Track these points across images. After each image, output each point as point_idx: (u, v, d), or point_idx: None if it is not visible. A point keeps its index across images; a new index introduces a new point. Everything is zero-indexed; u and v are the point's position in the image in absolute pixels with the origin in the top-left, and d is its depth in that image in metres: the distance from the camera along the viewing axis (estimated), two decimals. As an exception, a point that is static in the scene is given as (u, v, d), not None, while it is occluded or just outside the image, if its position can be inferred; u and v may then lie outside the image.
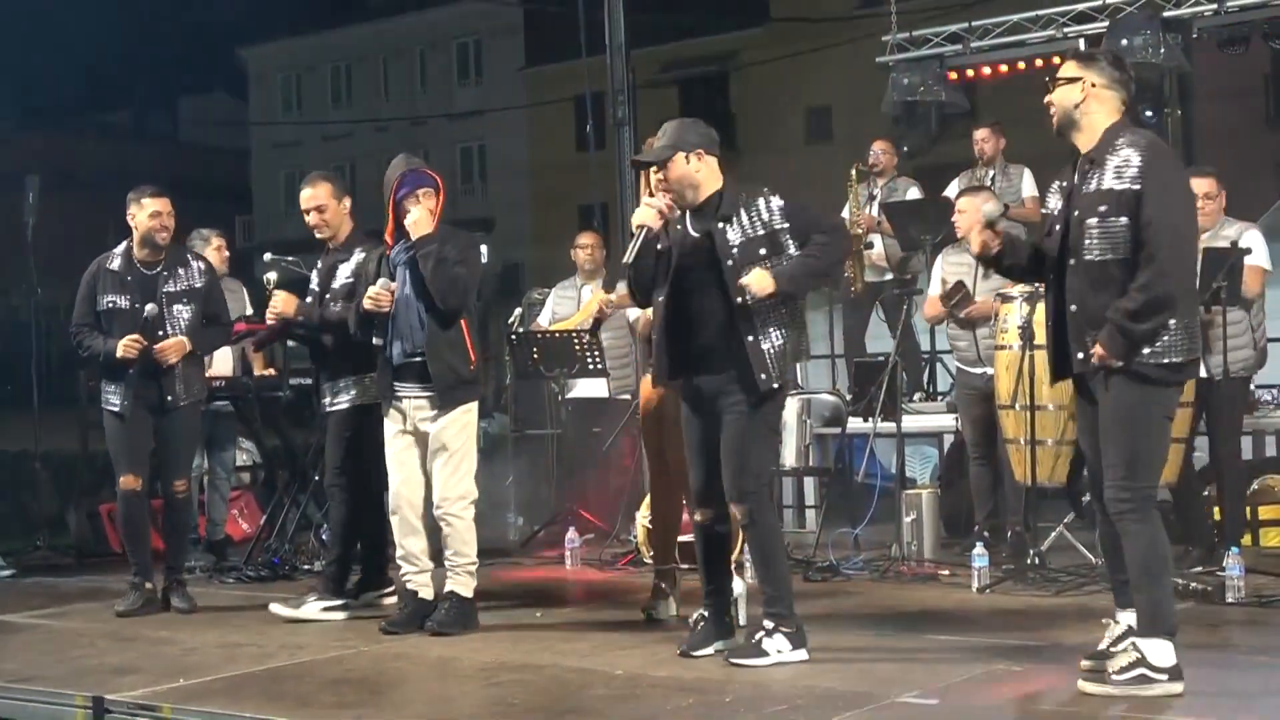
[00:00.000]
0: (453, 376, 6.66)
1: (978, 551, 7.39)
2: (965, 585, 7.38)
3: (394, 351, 6.78)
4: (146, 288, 7.52)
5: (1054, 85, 5.21)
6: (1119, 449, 5.06)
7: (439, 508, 6.70)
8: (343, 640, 6.62)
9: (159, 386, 7.52)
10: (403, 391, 6.77)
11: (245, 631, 6.94)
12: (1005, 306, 7.89)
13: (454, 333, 6.69)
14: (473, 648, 6.33)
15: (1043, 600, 7.02)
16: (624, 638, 6.47)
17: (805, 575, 7.72)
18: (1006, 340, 7.84)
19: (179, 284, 7.59)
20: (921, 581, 7.69)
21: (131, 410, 7.48)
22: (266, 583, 8.37)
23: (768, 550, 5.79)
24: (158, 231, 7.52)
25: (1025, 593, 7.19)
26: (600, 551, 8.84)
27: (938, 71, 12.37)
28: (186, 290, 7.60)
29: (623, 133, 13.19)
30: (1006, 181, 10.41)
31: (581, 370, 9.40)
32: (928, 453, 11.20)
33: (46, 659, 6.45)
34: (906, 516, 8.18)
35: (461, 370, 6.69)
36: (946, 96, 12.40)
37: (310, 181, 7.54)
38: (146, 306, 7.44)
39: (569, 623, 6.97)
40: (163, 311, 7.49)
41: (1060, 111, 5.21)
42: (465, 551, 6.71)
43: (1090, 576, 7.24)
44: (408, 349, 6.73)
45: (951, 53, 12.39)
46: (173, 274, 7.59)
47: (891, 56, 12.65)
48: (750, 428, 5.73)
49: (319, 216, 7.41)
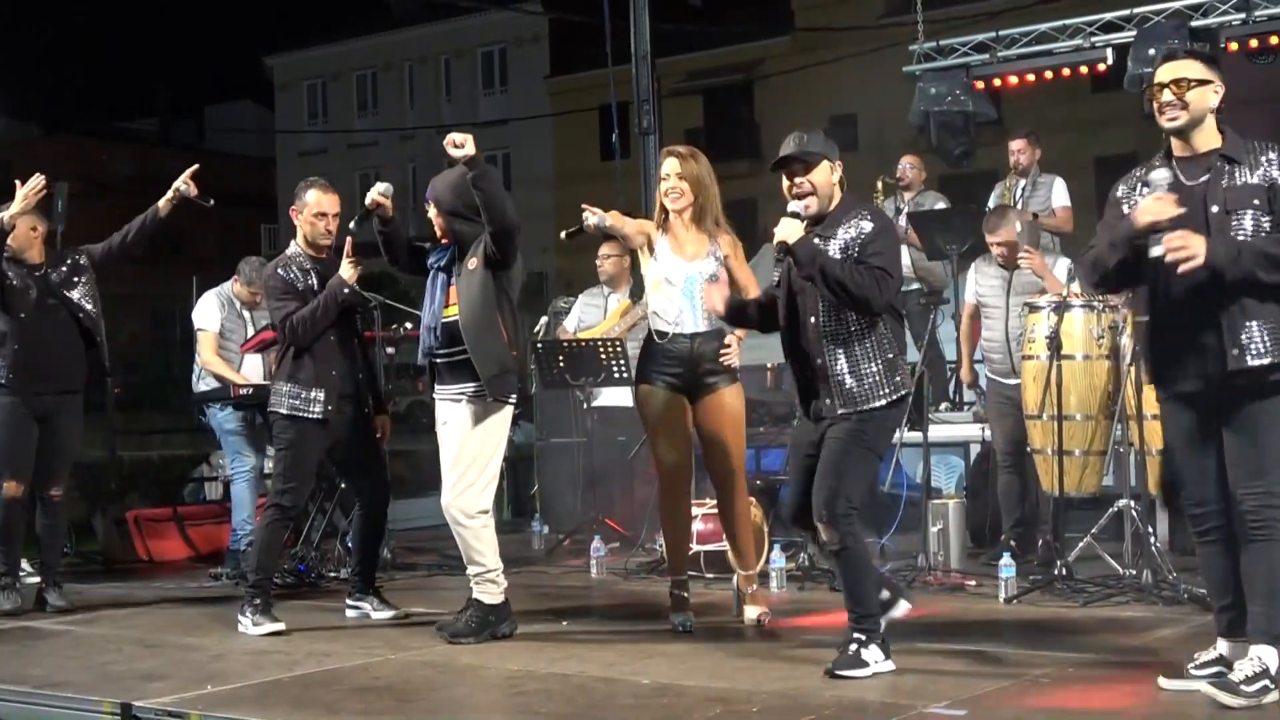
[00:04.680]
0: (495, 365, 6.56)
1: (1005, 562, 7.37)
2: (992, 596, 7.36)
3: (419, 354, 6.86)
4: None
5: (1183, 87, 5.05)
6: (1268, 455, 4.94)
7: (446, 512, 6.69)
8: (369, 648, 6.62)
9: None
10: (436, 394, 6.80)
11: (272, 638, 6.94)
12: (1033, 316, 7.88)
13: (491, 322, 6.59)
14: (499, 656, 6.32)
15: (1070, 611, 6.99)
16: (651, 647, 6.45)
17: (831, 585, 7.70)
18: (1034, 350, 7.83)
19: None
20: (948, 591, 7.67)
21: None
22: (292, 589, 8.38)
23: (859, 575, 5.71)
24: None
25: (1053, 603, 7.16)
26: (626, 560, 8.83)
27: (965, 81, 12.35)
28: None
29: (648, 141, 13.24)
30: (1036, 191, 10.37)
31: (607, 379, 9.40)
32: (953, 462, 11.18)
33: (73, 665, 6.46)
34: (933, 526, 8.15)
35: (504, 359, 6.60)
36: (974, 106, 12.38)
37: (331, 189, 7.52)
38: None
39: (595, 632, 6.97)
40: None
41: (1196, 113, 5.07)
42: (480, 560, 6.68)
43: (1117, 588, 7.21)
44: (425, 349, 6.78)
45: (978, 62, 12.38)
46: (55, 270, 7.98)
47: (918, 66, 12.64)
48: (846, 449, 5.67)
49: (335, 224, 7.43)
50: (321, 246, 7.39)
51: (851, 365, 5.68)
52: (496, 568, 6.71)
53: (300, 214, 7.39)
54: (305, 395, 7.17)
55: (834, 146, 5.88)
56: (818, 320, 5.74)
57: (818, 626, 6.78)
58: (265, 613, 7.11)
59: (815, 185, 5.80)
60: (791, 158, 5.83)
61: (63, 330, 7.97)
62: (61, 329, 7.97)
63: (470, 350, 6.59)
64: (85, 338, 8.06)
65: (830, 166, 5.82)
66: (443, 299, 6.78)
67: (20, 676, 6.14)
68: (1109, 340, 7.73)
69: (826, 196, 5.81)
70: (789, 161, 5.84)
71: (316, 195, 7.35)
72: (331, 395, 7.19)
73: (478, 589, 6.70)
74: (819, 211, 5.81)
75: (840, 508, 5.62)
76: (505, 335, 6.63)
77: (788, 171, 5.83)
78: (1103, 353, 7.74)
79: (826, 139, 5.88)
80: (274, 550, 7.37)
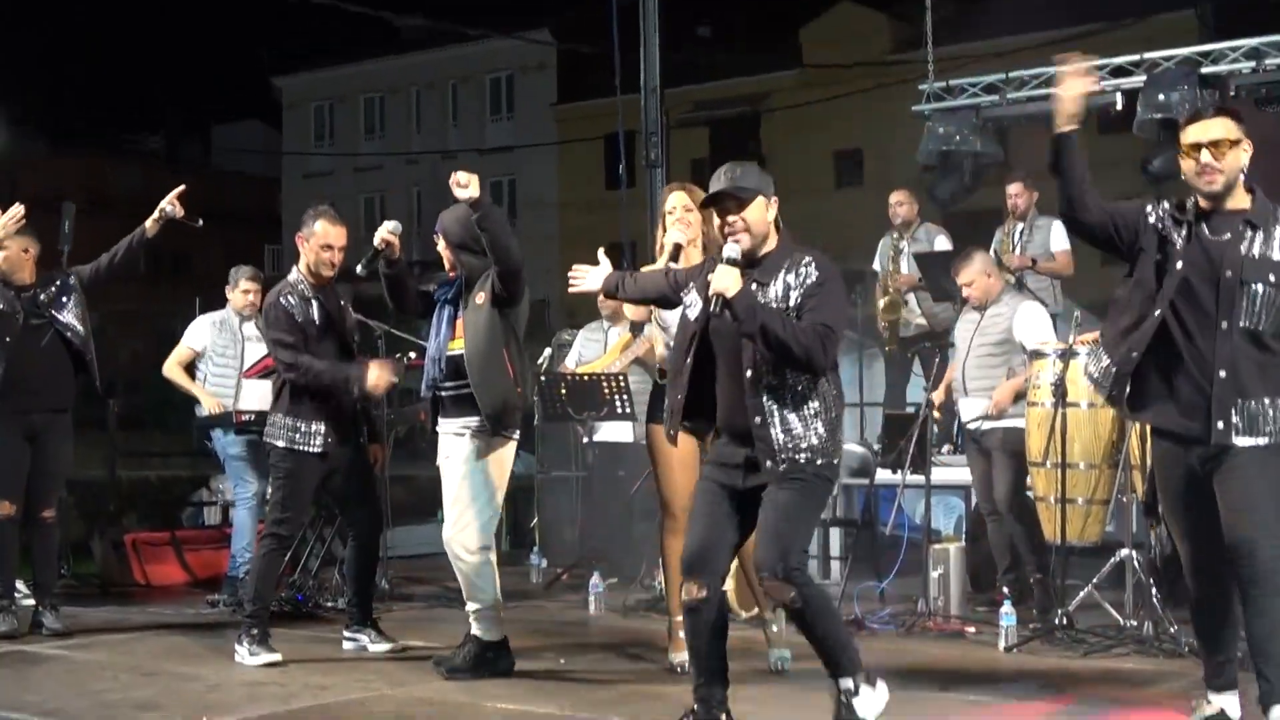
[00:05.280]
0: (497, 402, 6.57)
1: (1005, 610, 7.34)
2: (992, 643, 7.34)
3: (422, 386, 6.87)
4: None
5: (1222, 149, 5.08)
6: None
7: (449, 547, 6.68)
8: (365, 682, 6.60)
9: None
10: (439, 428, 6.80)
11: (268, 669, 6.92)
12: (1038, 363, 7.87)
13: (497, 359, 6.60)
14: (496, 694, 6.29)
15: (1071, 661, 6.96)
16: (648, 688, 6.43)
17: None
18: (1038, 397, 7.81)
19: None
20: (948, 638, 7.64)
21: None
22: (290, 619, 8.35)
23: (826, 620, 5.25)
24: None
25: (1053, 653, 7.14)
26: (625, 597, 8.80)
27: (974, 121, 12.35)
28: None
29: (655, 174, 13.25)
30: (1034, 235, 10.37)
31: (610, 413, 9.39)
32: (953, 503, 11.15)
33: (69, 692, 6.44)
34: (934, 571, 8.13)
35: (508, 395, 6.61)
36: (982, 146, 12.37)
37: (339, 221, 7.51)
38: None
39: (593, 671, 6.93)
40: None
41: (1231, 175, 5.10)
42: (479, 597, 6.67)
43: (1118, 639, 7.19)
44: (429, 381, 6.78)
45: (988, 103, 12.37)
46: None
47: (927, 105, 12.63)
48: (794, 505, 5.21)
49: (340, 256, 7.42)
50: (324, 277, 7.39)
51: (792, 424, 5.19)
52: (497, 604, 6.69)
53: (306, 242, 7.39)
54: (305, 429, 7.16)
55: (770, 181, 5.44)
56: (756, 374, 5.23)
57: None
58: (262, 643, 7.08)
59: (749, 223, 5.32)
60: (723, 194, 5.35)
61: (50, 350, 7.98)
62: (49, 349, 7.97)
63: (474, 385, 6.59)
64: (74, 358, 8.05)
65: (765, 203, 5.35)
66: (448, 332, 6.79)
67: (17, 703, 6.12)
68: (1114, 389, 7.70)
69: (760, 235, 5.33)
70: (720, 198, 5.37)
71: (324, 226, 7.35)
72: (331, 429, 7.19)
73: (477, 625, 6.68)
74: (750, 252, 5.33)
75: (794, 562, 5.15)
76: (510, 371, 6.63)
77: (719, 209, 5.37)
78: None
79: (762, 173, 5.44)
80: (271, 580, 7.36)
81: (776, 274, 5.29)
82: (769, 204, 5.38)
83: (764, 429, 5.20)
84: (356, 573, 7.57)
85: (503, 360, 6.62)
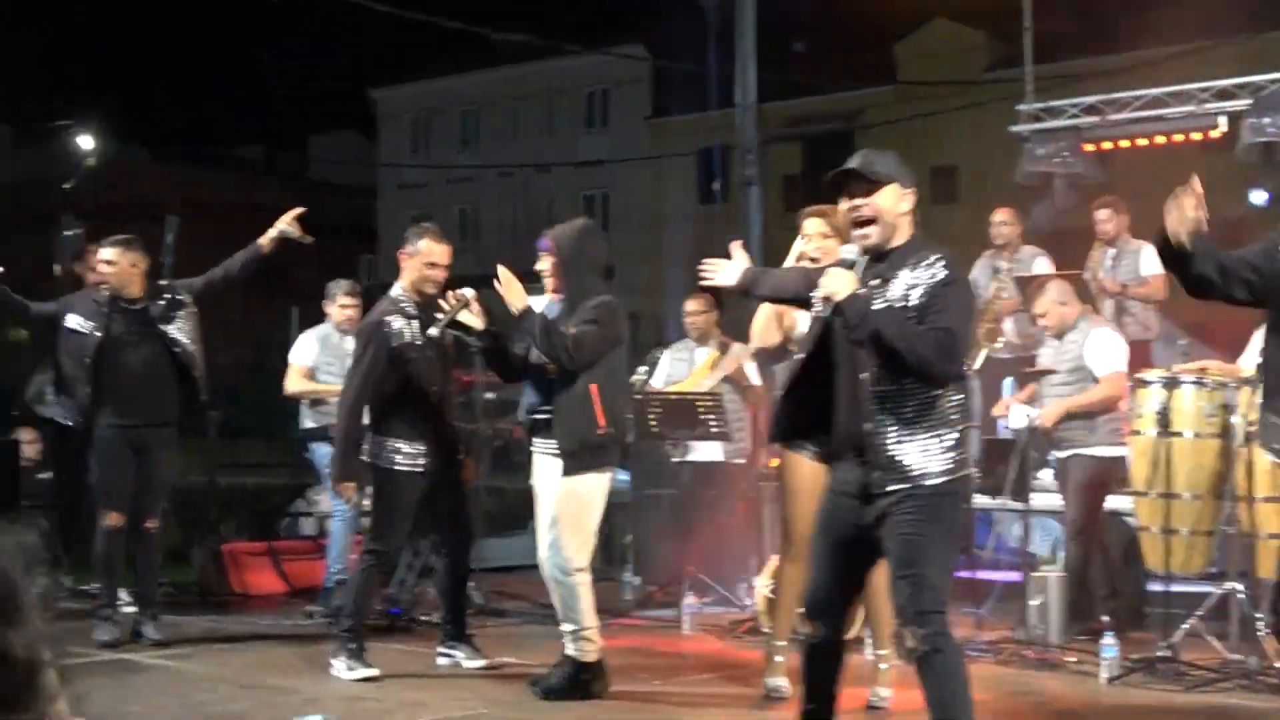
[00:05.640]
0: (575, 441, 6.60)
1: (1107, 641, 7.23)
2: (1092, 674, 7.23)
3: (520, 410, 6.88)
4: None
5: None
6: None
7: (543, 568, 6.68)
8: (460, 700, 6.63)
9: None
10: (534, 448, 6.82)
11: (364, 683, 6.96)
12: (1141, 392, 7.76)
13: (582, 395, 6.63)
14: (590, 715, 6.31)
15: (1174, 696, 6.83)
16: (742, 713, 6.40)
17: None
18: (1142, 426, 7.70)
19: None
20: (1047, 668, 7.54)
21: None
22: (386, 633, 8.40)
23: (951, 686, 4.68)
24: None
25: (1156, 686, 7.01)
26: (719, 618, 8.76)
27: (1074, 143, 12.21)
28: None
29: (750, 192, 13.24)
30: (1123, 259, 10.23)
31: (703, 433, 9.36)
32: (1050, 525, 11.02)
33: (171, 703, 6.52)
34: (1033, 600, 8.02)
35: (588, 435, 6.63)
36: (1082, 169, 12.23)
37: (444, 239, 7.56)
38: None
39: (688, 694, 6.91)
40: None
41: None
42: (574, 618, 6.67)
43: (1222, 673, 7.06)
44: (528, 405, 6.79)
45: (1088, 125, 12.23)
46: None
47: (1026, 126, 12.51)
48: (921, 532, 4.73)
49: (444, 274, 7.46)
50: (428, 294, 7.43)
51: (909, 436, 4.73)
52: (593, 625, 6.69)
53: (411, 259, 7.43)
54: (406, 449, 7.21)
55: (908, 171, 5.00)
56: (872, 380, 4.78)
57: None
58: (358, 657, 7.13)
59: (878, 211, 4.85)
60: (852, 172, 4.89)
61: (157, 364, 8.08)
62: (155, 362, 8.08)
63: (555, 422, 6.61)
64: (180, 371, 8.15)
65: (899, 192, 4.89)
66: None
67: (119, 713, 6.20)
68: (1220, 419, 7.59)
69: (890, 226, 4.86)
70: (849, 178, 4.91)
71: (429, 244, 7.39)
72: (432, 448, 7.23)
73: (572, 646, 6.68)
74: (878, 244, 4.88)
75: (927, 603, 4.66)
76: (598, 409, 6.60)
77: (848, 191, 4.91)
78: (1213, 431, 7.60)
79: (900, 163, 5.01)
80: (368, 596, 7.42)
81: (900, 270, 4.82)
82: (903, 194, 4.91)
83: (877, 440, 4.75)
84: (448, 589, 7.61)
85: (589, 400, 6.58)
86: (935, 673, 4.66)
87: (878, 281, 4.83)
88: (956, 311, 4.77)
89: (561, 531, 6.62)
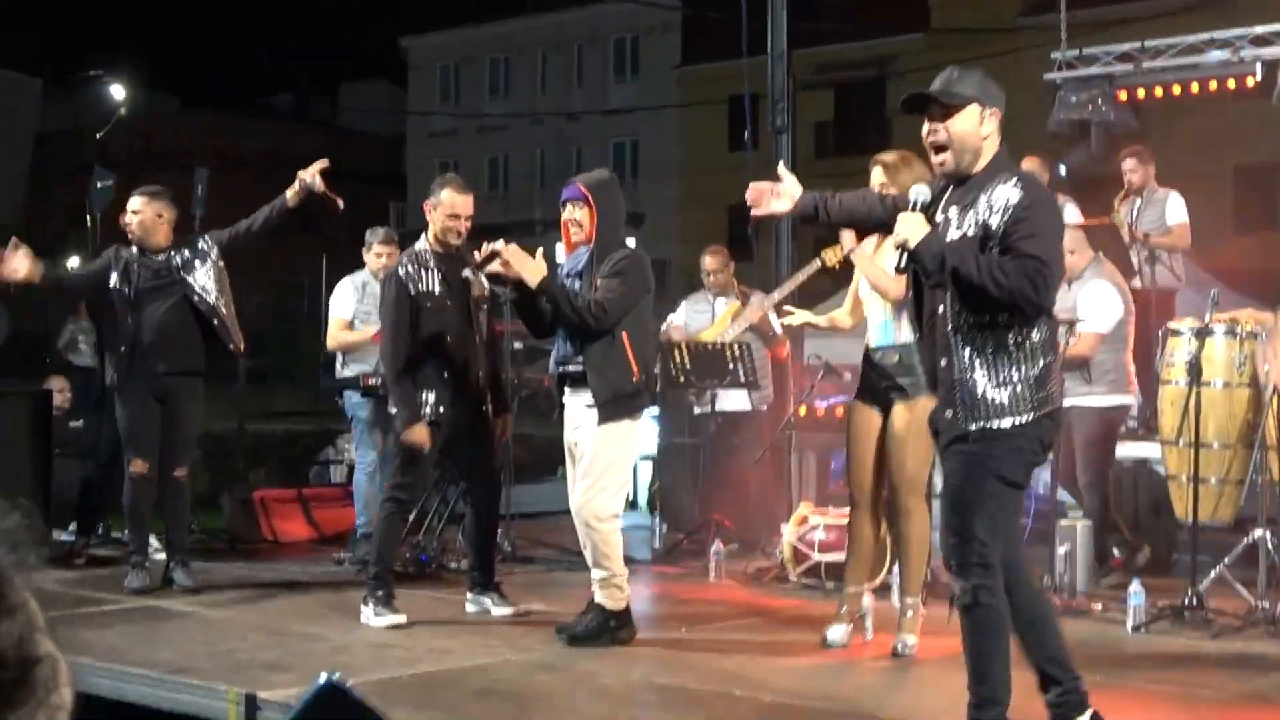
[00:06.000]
0: (609, 391, 6.60)
1: (1134, 589, 7.21)
2: (1119, 622, 7.21)
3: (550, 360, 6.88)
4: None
5: None
6: None
7: (577, 515, 6.70)
8: (489, 647, 6.65)
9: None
10: (565, 399, 6.82)
11: (393, 631, 7.00)
12: (1173, 341, 7.72)
13: (614, 345, 6.62)
14: (618, 663, 6.31)
15: (1200, 643, 6.82)
16: (771, 660, 6.41)
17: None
18: (1172, 375, 7.66)
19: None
20: (1074, 616, 7.51)
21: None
22: (414, 580, 8.44)
23: (988, 643, 4.59)
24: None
25: (1182, 634, 7.00)
26: (745, 565, 8.78)
27: (1107, 91, 12.09)
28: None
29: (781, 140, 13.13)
30: (1149, 208, 10.15)
31: (732, 381, 9.36)
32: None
33: (200, 650, 6.55)
34: (1060, 548, 8.00)
35: (621, 384, 6.63)
36: (1115, 117, 12.12)
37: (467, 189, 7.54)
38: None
39: (715, 641, 6.93)
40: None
41: None
42: (605, 565, 6.67)
43: (1249, 620, 7.04)
44: (558, 357, 6.79)
45: (1122, 72, 12.10)
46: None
47: (1059, 74, 12.39)
48: (971, 479, 4.58)
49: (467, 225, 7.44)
50: (451, 244, 7.42)
51: (986, 371, 4.52)
52: (622, 573, 6.71)
53: (434, 210, 7.42)
54: (419, 398, 7.23)
55: (992, 92, 4.68)
56: (947, 311, 4.60)
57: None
58: (387, 604, 7.17)
59: (954, 136, 4.61)
60: (924, 96, 4.62)
61: (180, 314, 8.09)
62: (179, 312, 8.08)
63: (588, 373, 6.61)
64: (204, 322, 8.17)
65: (980, 114, 4.61)
66: None
67: (149, 660, 6.24)
68: (1250, 368, 7.55)
69: (971, 151, 4.62)
70: (924, 102, 4.64)
71: (451, 195, 7.38)
72: (443, 397, 7.24)
73: (601, 593, 6.70)
74: (956, 170, 4.64)
75: (970, 554, 4.54)
76: (630, 358, 6.61)
77: (927, 113, 4.65)
78: (1243, 380, 7.57)
79: (986, 80, 4.70)
80: (392, 542, 7.45)
81: (980, 196, 4.58)
82: (984, 115, 4.63)
83: (949, 373, 4.58)
84: (476, 539, 7.65)
85: (623, 348, 6.60)
86: (974, 625, 4.58)
87: (955, 210, 4.63)
88: (1043, 238, 4.49)
89: (596, 479, 6.63)
